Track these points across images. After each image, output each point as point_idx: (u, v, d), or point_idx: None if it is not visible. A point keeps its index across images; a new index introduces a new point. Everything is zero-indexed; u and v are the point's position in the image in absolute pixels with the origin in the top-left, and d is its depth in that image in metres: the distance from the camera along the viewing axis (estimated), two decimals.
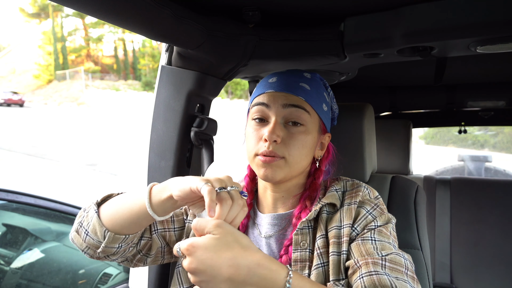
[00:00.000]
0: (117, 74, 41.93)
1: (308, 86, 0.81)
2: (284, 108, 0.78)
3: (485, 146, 19.32)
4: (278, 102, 0.79)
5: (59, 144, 13.56)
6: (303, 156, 0.79)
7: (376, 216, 0.77)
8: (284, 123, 0.79)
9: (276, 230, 0.83)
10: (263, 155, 0.77)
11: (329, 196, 0.81)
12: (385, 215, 0.79)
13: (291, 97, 0.79)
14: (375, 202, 0.80)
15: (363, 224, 0.76)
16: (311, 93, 0.81)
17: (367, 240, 0.74)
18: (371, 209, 0.78)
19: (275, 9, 1.00)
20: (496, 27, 0.89)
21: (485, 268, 1.92)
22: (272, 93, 0.81)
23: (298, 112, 0.78)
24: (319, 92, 0.83)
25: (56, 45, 40.51)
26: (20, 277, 1.67)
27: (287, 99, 0.79)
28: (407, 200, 1.00)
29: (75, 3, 0.76)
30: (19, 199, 1.70)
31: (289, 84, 0.81)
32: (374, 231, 0.75)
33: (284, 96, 0.79)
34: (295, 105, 0.78)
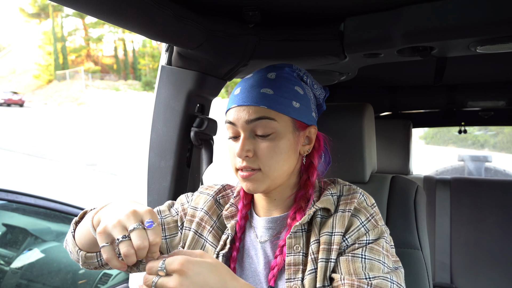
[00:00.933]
0: (117, 74, 41.93)
1: (271, 90, 0.77)
2: (248, 124, 0.77)
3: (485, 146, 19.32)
4: (242, 119, 0.77)
5: (59, 144, 13.56)
6: (281, 162, 0.78)
7: (369, 230, 0.76)
8: (253, 135, 0.78)
9: (270, 234, 0.83)
10: (241, 170, 0.78)
11: (323, 201, 0.79)
12: (379, 228, 0.77)
13: (253, 109, 0.77)
14: (371, 212, 0.78)
15: (355, 236, 0.75)
16: (275, 97, 0.77)
17: (357, 258, 0.72)
18: (365, 221, 0.76)
19: (275, 9, 1.00)
20: (496, 27, 0.89)
21: (485, 268, 1.92)
22: (235, 109, 0.79)
23: (263, 123, 0.76)
24: (286, 90, 0.79)
25: (56, 45, 40.51)
26: (20, 277, 1.67)
27: (249, 113, 0.77)
28: (407, 200, 1.00)
29: (75, 3, 0.76)
30: (19, 199, 1.70)
31: (250, 94, 0.78)
32: (366, 248, 0.73)
33: (246, 110, 0.77)
34: (258, 118, 0.76)
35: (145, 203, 1.22)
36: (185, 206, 0.93)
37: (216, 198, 0.92)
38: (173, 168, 1.17)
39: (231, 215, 0.87)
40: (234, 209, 0.88)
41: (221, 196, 0.93)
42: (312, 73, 1.37)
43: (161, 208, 0.95)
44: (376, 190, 1.05)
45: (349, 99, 2.25)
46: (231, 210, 0.88)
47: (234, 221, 0.86)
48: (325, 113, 1.10)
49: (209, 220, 0.88)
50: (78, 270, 1.80)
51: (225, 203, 0.92)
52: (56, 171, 9.37)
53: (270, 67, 0.84)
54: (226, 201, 0.92)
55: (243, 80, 0.83)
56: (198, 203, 0.91)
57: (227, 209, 0.89)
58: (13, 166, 9.62)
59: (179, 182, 1.20)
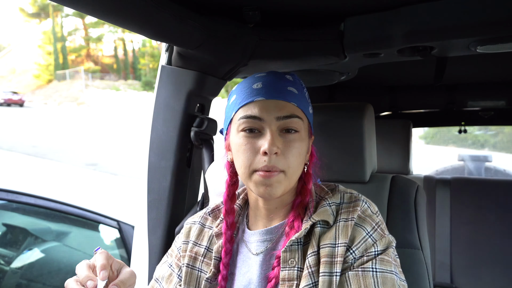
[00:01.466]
0: (117, 74, 41.94)
1: (296, 90, 0.76)
2: (278, 120, 0.73)
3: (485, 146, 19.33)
4: (272, 114, 0.72)
5: (59, 144, 13.56)
6: (300, 165, 0.76)
7: (377, 240, 0.72)
8: (279, 133, 0.74)
9: (266, 246, 0.79)
10: (263, 171, 0.71)
11: (320, 213, 0.75)
12: (386, 237, 0.74)
13: (284, 105, 0.74)
14: (376, 220, 0.75)
15: (362, 248, 0.71)
16: (300, 97, 0.76)
17: (368, 272, 0.69)
18: (371, 230, 0.73)
19: (275, 9, 1.00)
20: (496, 27, 0.89)
21: (485, 267, 1.92)
22: (262, 102, 0.73)
23: (294, 122, 0.73)
24: (304, 94, 0.79)
25: (56, 45, 40.53)
26: (20, 277, 1.67)
27: (280, 109, 0.73)
28: (407, 200, 1.00)
29: (75, 3, 0.76)
30: (19, 199, 1.70)
31: (278, 89, 0.74)
32: (376, 261, 0.70)
33: (277, 106, 0.73)
34: (290, 115, 0.73)
35: (145, 203, 1.22)
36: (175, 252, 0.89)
37: (204, 223, 0.88)
38: (173, 168, 1.17)
39: (220, 232, 0.83)
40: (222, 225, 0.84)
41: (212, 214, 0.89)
42: (312, 73, 1.38)
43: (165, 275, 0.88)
44: (376, 190, 1.05)
45: (349, 99, 2.25)
46: (221, 227, 0.83)
47: (221, 242, 0.81)
48: (325, 113, 1.10)
49: (199, 249, 0.84)
50: None
51: (216, 218, 0.88)
52: (56, 171, 9.37)
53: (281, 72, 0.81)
54: (217, 216, 0.88)
55: (260, 76, 0.78)
56: (188, 235, 0.88)
57: (217, 225, 0.85)
58: (13, 166, 9.62)
59: (179, 182, 1.20)
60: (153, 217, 1.20)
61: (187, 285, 0.82)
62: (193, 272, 0.83)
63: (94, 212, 1.91)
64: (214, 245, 0.83)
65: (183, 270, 0.84)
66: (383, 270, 0.69)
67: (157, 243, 1.19)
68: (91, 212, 1.90)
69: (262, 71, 0.82)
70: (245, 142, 0.74)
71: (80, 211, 1.87)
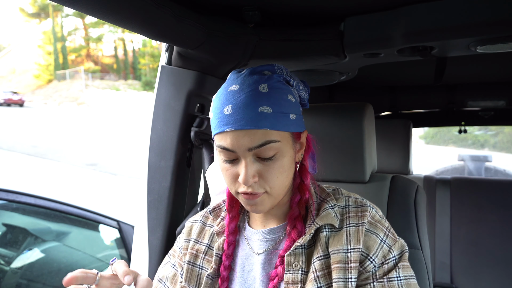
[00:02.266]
0: (117, 74, 41.94)
1: (269, 108, 0.69)
2: (250, 151, 0.70)
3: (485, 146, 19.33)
4: (243, 146, 0.69)
5: (59, 144, 13.56)
6: (285, 179, 0.74)
7: (391, 245, 0.74)
8: (255, 158, 0.71)
9: (268, 246, 0.79)
10: (245, 194, 0.72)
11: (323, 216, 0.75)
12: (398, 242, 0.75)
13: (255, 133, 0.68)
14: (386, 225, 0.76)
15: (381, 255, 0.72)
16: (274, 115, 0.69)
17: (394, 281, 0.70)
18: (384, 236, 0.74)
19: (275, 9, 1.00)
20: (496, 27, 0.89)
21: (485, 267, 1.92)
22: (232, 134, 0.69)
23: (267, 148, 0.69)
24: (282, 104, 0.71)
25: (56, 45, 40.53)
26: (20, 277, 1.67)
27: (250, 139, 0.68)
28: (407, 200, 1.00)
29: (75, 3, 0.75)
30: (19, 199, 1.70)
31: (247, 115, 0.68)
32: (398, 269, 0.72)
33: (247, 136, 0.68)
34: (263, 143, 0.69)
35: (145, 203, 1.22)
36: (178, 252, 0.89)
37: (205, 222, 0.89)
38: (173, 168, 1.17)
39: (222, 230, 0.84)
40: (224, 223, 0.84)
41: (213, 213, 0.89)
42: (312, 73, 1.38)
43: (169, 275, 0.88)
44: (376, 190, 1.05)
45: (349, 99, 2.25)
46: (222, 225, 0.84)
47: (222, 239, 0.82)
48: (325, 113, 1.10)
49: (200, 247, 0.85)
50: None
51: (217, 216, 0.88)
52: (56, 171, 9.38)
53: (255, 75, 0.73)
54: (218, 215, 0.89)
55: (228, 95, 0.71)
56: (189, 234, 0.88)
57: (218, 223, 0.85)
58: (13, 166, 9.62)
59: (179, 182, 1.20)
60: (153, 217, 1.20)
61: (188, 282, 0.82)
62: (194, 269, 0.83)
63: (94, 212, 1.91)
64: (215, 243, 0.83)
65: (184, 267, 0.84)
66: (406, 276, 0.71)
67: (157, 243, 1.19)
68: (91, 212, 1.90)
69: None
70: (225, 168, 0.74)
71: (80, 211, 1.87)
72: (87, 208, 1.90)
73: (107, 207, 2.00)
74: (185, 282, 0.83)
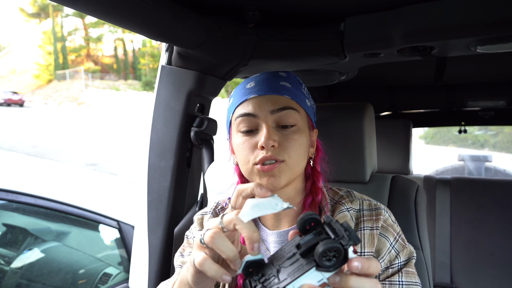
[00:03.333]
0: (117, 74, 41.94)
1: (289, 84, 0.77)
2: (272, 114, 0.73)
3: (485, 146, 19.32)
4: (265, 109, 0.73)
5: (59, 144, 13.56)
6: (302, 156, 0.75)
7: (399, 251, 0.74)
8: (276, 126, 0.74)
9: None
10: (262, 164, 0.72)
11: (340, 219, 0.75)
12: (407, 248, 0.76)
13: (277, 98, 0.74)
14: (397, 230, 0.77)
15: (387, 260, 0.73)
16: (294, 90, 0.77)
17: (395, 285, 0.71)
18: (393, 241, 0.75)
19: (275, 9, 1.00)
20: (496, 27, 0.89)
21: (485, 267, 1.92)
22: (255, 99, 0.75)
23: (288, 114, 0.74)
24: (299, 88, 0.79)
25: (56, 45, 40.53)
26: (20, 277, 1.67)
27: (273, 103, 0.74)
28: (408, 200, 1.00)
29: (75, 3, 0.75)
30: (19, 199, 1.70)
31: (270, 85, 0.75)
32: (402, 274, 0.72)
33: (270, 100, 0.74)
34: (284, 107, 0.74)
35: (145, 203, 1.22)
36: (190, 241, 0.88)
37: (216, 210, 0.88)
38: (173, 168, 1.17)
39: None
40: None
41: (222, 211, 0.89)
42: (312, 73, 1.38)
43: None
44: (376, 190, 1.05)
45: (349, 99, 2.25)
46: None
47: None
48: (325, 113, 1.10)
49: None
50: (78, 270, 1.80)
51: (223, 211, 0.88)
52: (56, 171, 9.37)
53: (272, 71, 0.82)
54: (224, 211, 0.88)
55: (251, 77, 0.80)
56: (201, 225, 0.87)
57: None
58: (13, 166, 9.62)
59: (179, 182, 1.20)
60: (153, 217, 1.20)
61: None
62: None
63: (94, 212, 1.91)
64: None
65: None
66: (409, 282, 0.72)
67: (157, 243, 1.19)
68: (91, 212, 1.90)
69: (262, 71, 0.83)
70: (243, 141, 0.75)
71: (80, 211, 1.87)
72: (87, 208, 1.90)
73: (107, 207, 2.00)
74: None
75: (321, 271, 0.48)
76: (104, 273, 1.80)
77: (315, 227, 0.51)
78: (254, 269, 0.53)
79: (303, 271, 0.48)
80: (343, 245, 0.46)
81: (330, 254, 0.47)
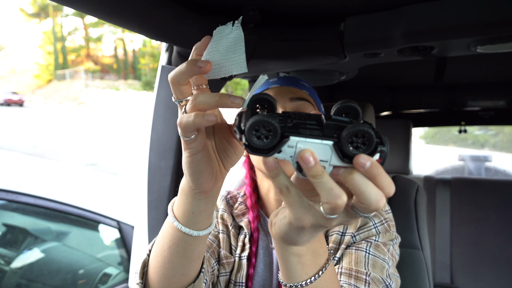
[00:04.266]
0: (117, 73, 41.94)
1: (307, 85, 0.85)
2: (291, 101, 0.77)
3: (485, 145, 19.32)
4: (285, 96, 0.78)
5: (59, 143, 13.56)
6: None
7: (380, 232, 0.75)
8: None
9: None
10: None
11: None
12: (390, 233, 0.76)
13: (297, 91, 0.80)
14: (385, 216, 0.77)
15: (364, 235, 0.74)
16: (311, 91, 0.84)
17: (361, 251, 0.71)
18: (378, 223, 0.75)
19: (275, 9, 1.00)
20: (496, 27, 0.89)
21: (485, 267, 1.92)
22: (276, 88, 0.80)
23: (306, 105, 0.78)
24: (315, 94, 0.87)
25: (56, 45, 40.53)
26: (20, 277, 1.67)
27: (293, 92, 0.79)
28: (408, 200, 1.00)
29: (75, 3, 0.75)
30: (19, 199, 1.70)
31: (291, 80, 0.82)
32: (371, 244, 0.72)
33: (290, 90, 0.80)
34: (302, 98, 0.78)
35: (145, 203, 1.22)
36: None
37: (227, 197, 0.92)
38: (173, 168, 1.17)
39: (241, 213, 0.87)
40: (243, 207, 0.87)
41: (229, 197, 0.93)
42: (312, 73, 1.38)
43: None
44: None
45: (349, 99, 2.25)
46: (241, 208, 0.87)
47: (246, 220, 0.84)
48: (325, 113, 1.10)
49: (228, 218, 0.87)
50: (78, 270, 1.80)
51: (233, 203, 0.91)
52: (56, 171, 9.37)
53: None
54: (235, 201, 0.91)
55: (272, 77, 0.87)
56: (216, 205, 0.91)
57: (236, 207, 0.88)
58: (13, 166, 9.62)
59: (179, 182, 1.19)
60: (153, 217, 1.20)
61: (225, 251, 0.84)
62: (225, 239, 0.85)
63: (94, 212, 1.91)
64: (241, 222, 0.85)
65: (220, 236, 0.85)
66: (376, 255, 0.71)
67: None
68: (91, 212, 1.90)
69: (262, 71, 0.84)
70: None
71: (80, 211, 1.87)
72: (87, 208, 1.90)
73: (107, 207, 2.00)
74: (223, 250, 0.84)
75: (335, 152, 0.41)
76: (104, 273, 1.80)
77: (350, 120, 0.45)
78: (262, 108, 0.47)
79: (318, 137, 0.41)
80: (377, 142, 0.40)
81: (358, 141, 0.40)
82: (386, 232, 0.76)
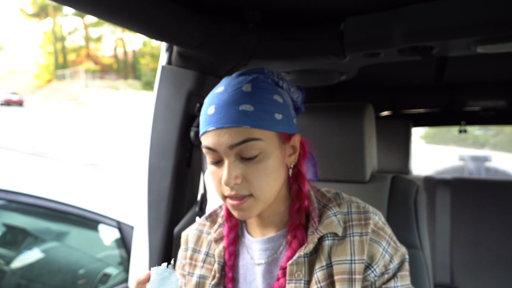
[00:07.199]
0: (117, 73, 41.95)
1: (251, 106, 0.68)
2: (231, 148, 0.68)
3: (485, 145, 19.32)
4: (224, 144, 0.68)
5: (59, 143, 13.56)
6: (271, 182, 0.71)
7: (392, 255, 0.73)
8: (239, 159, 0.70)
9: (268, 255, 0.77)
10: (230, 198, 0.71)
11: (327, 224, 0.73)
12: (399, 250, 0.75)
13: (235, 131, 0.67)
14: (388, 233, 0.75)
15: (382, 265, 0.72)
16: (256, 113, 0.68)
17: None
18: (386, 245, 0.73)
19: (275, 9, 1.00)
20: (496, 27, 0.89)
21: (485, 268, 1.92)
22: (213, 133, 0.69)
23: (248, 146, 0.68)
24: (266, 103, 0.70)
25: (56, 45, 40.54)
26: (20, 277, 1.67)
27: (231, 136, 0.68)
28: (408, 200, 1.00)
29: (75, 3, 0.75)
30: (19, 199, 1.70)
31: (228, 113, 0.68)
32: (397, 278, 0.72)
33: (227, 134, 0.68)
34: (243, 141, 0.68)
35: (145, 203, 1.22)
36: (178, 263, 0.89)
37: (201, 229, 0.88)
38: (173, 168, 1.17)
39: (220, 237, 0.82)
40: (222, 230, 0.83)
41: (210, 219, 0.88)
42: (312, 73, 1.38)
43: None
44: (376, 190, 1.05)
45: (349, 99, 2.25)
46: (220, 232, 0.83)
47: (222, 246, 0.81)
48: (325, 113, 1.10)
49: (198, 256, 0.84)
50: (78, 270, 1.80)
51: (214, 223, 0.87)
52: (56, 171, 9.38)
53: (241, 76, 0.74)
54: (215, 221, 0.87)
55: (213, 96, 0.72)
56: (186, 243, 0.88)
57: (215, 230, 0.84)
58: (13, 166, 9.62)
59: (179, 182, 1.19)
60: (153, 217, 1.20)
61: None
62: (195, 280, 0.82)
63: (94, 212, 1.91)
64: (215, 250, 0.82)
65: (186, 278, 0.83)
66: (404, 286, 0.73)
67: (157, 243, 1.19)
68: (91, 212, 1.90)
69: None
70: (213, 171, 0.73)
71: (80, 211, 1.87)
72: (87, 208, 1.90)
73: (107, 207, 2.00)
74: None
75: None
76: (104, 273, 1.80)
77: None
78: None
79: None
80: None
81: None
82: (396, 252, 0.74)
